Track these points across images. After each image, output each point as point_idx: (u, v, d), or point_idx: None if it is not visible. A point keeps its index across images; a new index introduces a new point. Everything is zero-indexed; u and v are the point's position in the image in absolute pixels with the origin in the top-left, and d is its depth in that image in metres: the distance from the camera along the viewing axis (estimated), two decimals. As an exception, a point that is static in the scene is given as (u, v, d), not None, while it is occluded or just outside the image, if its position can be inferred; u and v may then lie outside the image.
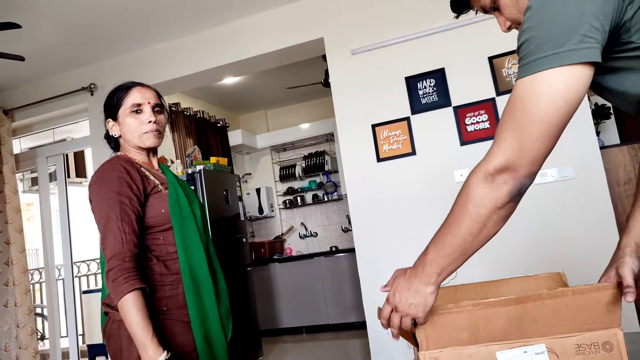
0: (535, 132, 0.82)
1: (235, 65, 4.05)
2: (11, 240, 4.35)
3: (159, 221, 1.42)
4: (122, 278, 1.27)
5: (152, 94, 1.54)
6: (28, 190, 6.63)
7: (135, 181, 1.40)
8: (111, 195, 1.35)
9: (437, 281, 0.97)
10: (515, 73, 3.19)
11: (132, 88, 1.52)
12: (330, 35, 3.67)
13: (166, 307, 1.40)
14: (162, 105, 1.57)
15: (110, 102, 1.53)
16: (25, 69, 4.18)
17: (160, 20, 3.77)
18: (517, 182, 0.85)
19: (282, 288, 5.58)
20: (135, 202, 1.37)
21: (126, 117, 1.49)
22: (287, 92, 5.86)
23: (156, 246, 1.43)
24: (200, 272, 1.44)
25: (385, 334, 3.64)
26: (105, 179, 1.38)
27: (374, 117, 3.50)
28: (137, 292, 1.27)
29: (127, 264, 1.29)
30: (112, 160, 1.45)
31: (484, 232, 0.89)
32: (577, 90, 0.81)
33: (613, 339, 0.90)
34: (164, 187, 1.48)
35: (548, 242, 3.05)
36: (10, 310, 4.27)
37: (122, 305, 1.27)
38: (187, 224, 1.45)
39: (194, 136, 5.18)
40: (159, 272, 1.41)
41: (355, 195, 3.53)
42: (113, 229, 1.32)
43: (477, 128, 3.24)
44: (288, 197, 6.37)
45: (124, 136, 1.52)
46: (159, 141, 1.54)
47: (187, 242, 1.43)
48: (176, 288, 1.42)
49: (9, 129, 4.58)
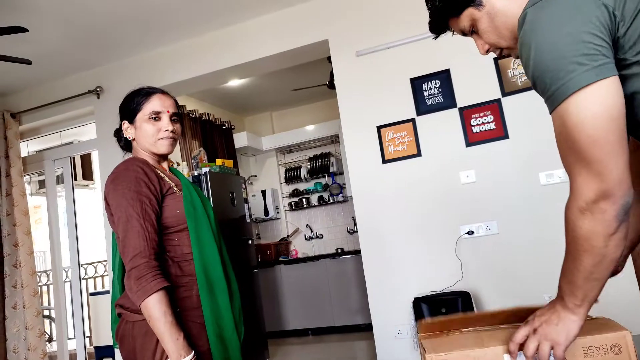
0: (598, 155, 0.81)
1: (240, 67, 4.06)
2: (19, 243, 4.38)
3: (174, 222, 1.43)
4: (150, 276, 1.27)
5: (171, 103, 1.55)
6: (35, 192, 6.67)
7: (153, 182, 1.41)
8: (131, 195, 1.35)
9: (581, 312, 0.91)
10: (521, 74, 3.18)
11: (152, 95, 1.53)
12: (335, 37, 3.67)
13: (180, 309, 1.39)
14: (179, 115, 1.58)
15: (129, 104, 1.54)
16: (32, 72, 4.21)
17: (165, 23, 3.79)
18: (617, 205, 0.83)
19: (288, 290, 5.57)
20: (154, 202, 1.38)
21: (144, 123, 1.50)
22: (292, 94, 5.87)
23: (171, 247, 1.43)
24: (214, 272, 1.45)
25: (392, 337, 3.64)
26: (124, 179, 1.39)
27: (379, 119, 3.50)
28: (164, 292, 1.28)
29: (153, 262, 1.30)
30: (129, 161, 1.45)
31: (607, 258, 0.86)
32: (612, 104, 0.80)
33: (622, 341, 0.89)
34: (178, 188, 1.50)
35: (554, 243, 3.03)
36: (19, 312, 4.30)
37: (148, 304, 1.26)
38: (201, 225, 1.46)
39: (199, 138, 5.19)
40: (174, 273, 1.41)
41: (361, 197, 3.52)
42: (135, 227, 1.32)
43: (482, 129, 3.23)
44: (293, 199, 6.37)
45: (138, 140, 1.53)
46: (173, 149, 1.55)
47: (202, 243, 1.44)
48: (190, 289, 1.42)
49: (17, 132, 4.62)
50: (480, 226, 3.20)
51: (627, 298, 2.86)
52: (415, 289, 3.26)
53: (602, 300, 2.58)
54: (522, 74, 3.18)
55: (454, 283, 3.19)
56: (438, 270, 3.25)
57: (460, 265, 3.20)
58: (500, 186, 3.19)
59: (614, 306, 2.84)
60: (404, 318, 3.31)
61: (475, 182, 3.24)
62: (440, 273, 3.24)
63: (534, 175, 3.11)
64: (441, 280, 3.23)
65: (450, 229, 3.26)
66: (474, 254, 3.20)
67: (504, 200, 3.17)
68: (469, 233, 3.22)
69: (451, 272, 3.22)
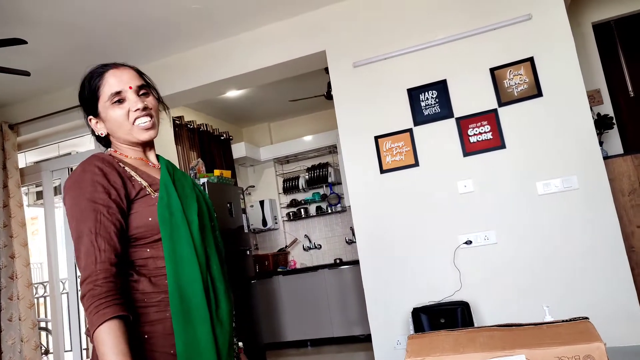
0: None
1: (238, 78, 4.08)
2: (16, 254, 4.36)
3: (145, 232, 1.16)
4: (93, 307, 1.03)
5: (131, 74, 1.25)
6: (33, 204, 6.65)
7: (114, 185, 1.15)
8: (84, 204, 1.11)
9: None
10: (517, 84, 3.20)
11: (105, 73, 1.25)
12: (332, 48, 3.70)
13: (148, 335, 1.12)
14: (148, 85, 1.28)
15: (83, 94, 1.28)
16: (31, 83, 4.22)
17: (164, 35, 3.81)
18: None
19: (286, 301, 5.55)
20: (114, 211, 1.12)
21: (108, 111, 1.23)
22: (290, 104, 5.89)
23: (142, 260, 1.17)
24: (192, 295, 1.15)
25: (391, 347, 3.62)
26: (78, 184, 1.14)
27: (376, 129, 3.51)
28: (112, 322, 1.03)
29: (100, 289, 1.05)
30: (87, 160, 1.19)
31: None
32: None
33: (595, 352, 0.89)
34: (154, 188, 1.21)
35: (552, 252, 3.03)
36: (15, 325, 4.26)
37: (95, 339, 1.03)
38: (178, 235, 1.17)
39: (197, 149, 5.20)
40: (141, 290, 1.14)
41: (359, 207, 3.52)
42: (85, 246, 1.08)
43: (479, 139, 3.24)
44: (292, 209, 6.36)
45: (111, 132, 1.27)
46: (155, 132, 1.27)
47: (178, 258, 1.16)
48: (164, 311, 1.14)
49: (14, 144, 4.62)
50: (478, 236, 3.20)
51: (627, 309, 2.86)
52: (414, 299, 3.25)
53: (600, 307, 2.55)
54: (518, 84, 3.20)
55: (453, 293, 3.19)
56: (437, 280, 3.25)
57: (459, 275, 3.20)
58: (498, 196, 3.19)
59: (612, 315, 2.83)
60: (403, 329, 3.29)
61: (473, 192, 3.24)
62: (439, 283, 3.23)
63: (531, 184, 3.12)
64: (440, 290, 3.22)
65: (449, 238, 3.26)
66: (473, 264, 3.19)
67: (502, 209, 3.18)
68: (467, 243, 3.22)
69: (450, 282, 3.21)
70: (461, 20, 3.36)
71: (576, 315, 2.65)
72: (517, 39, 3.23)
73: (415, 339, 1.07)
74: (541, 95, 3.14)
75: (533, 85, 3.17)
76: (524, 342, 0.94)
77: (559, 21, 3.16)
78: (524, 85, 3.18)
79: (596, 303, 2.89)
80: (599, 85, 3.99)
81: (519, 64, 3.21)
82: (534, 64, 3.17)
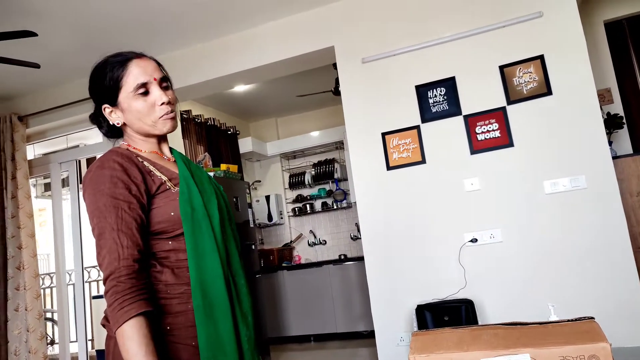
0: None
1: (246, 73, 4.08)
2: (23, 245, 4.40)
3: (167, 227, 1.16)
4: (117, 304, 1.03)
5: (154, 66, 1.25)
6: (41, 195, 6.71)
7: (135, 180, 1.14)
8: (104, 200, 1.10)
9: None
10: (526, 82, 3.18)
11: (128, 63, 1.23)
12: (341, 44, 3.69)
13: (170, 327, 1.13)
14: (168, 79, 1.27)
15: (102, 82, 1.25)
16: (40, 76, 4.25)
17: (172, 28, 3.82)
18: None
19: (291, 296, 5.57)
20: (135, 207, 1.11)
21: (132, 102, 1.21)
22: (297, 100, 5.89)
23: (164, 252, 1.17)
24: (214, 290, 1.15)
25: (394, 344, 3.63)
26: (97, 180, 1.13)
27: (384, 125, 3.50)
28: (137, 320, 1.03)
29: (123, 285, 1.05)
30: (106, 155, 1.17)
31: None
32: None
33: (600, 352, 0.89)
34: (174, 182, 1.20)
35: (558, 251, 3.02)
36: (21, 315, 4.31)
37: (119, 336, 1.03)
38: (200, 230, 1.17)
39: (204, 143, 5.21)
40: (164, 281, 1.14)
41: (365, 203, 3.52)
42: (108, 242, 1.08)
43: (487, 137, 3.22)
44: (297, 204, 6.37)
45: (129, 123, 1.24)
46: (176, 124, 1.27)
47: (201, 252, 1.16)
48: (186, 303, 1.14)
49: (23, 135, 4.65)
50: (484, 234, 3.19)
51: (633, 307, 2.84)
52: (418, 296, 3.25)
53: (606, 307, 2.53)
54: (528, 82, 3.18)
55: (457, 291, 3.18)
56: (441, 277, 3.24)
57: (463, 273, 3.19)
58: (505, 194, 3.18)
59: (618, 315, 2.82)
60: (406, 325, 3.29)
61: (480, 190, 3.23)
62: (444, 281, 3.23)
63: (538, 183, 3.10)
64: (444, 288, 3.22)
65: (454, 236, 3.25)
66: (478, 262, 3.19)
67: (508, 208, 3.16)
68: (473, 241, 3.20)
69: (454, 279, 3.20)
70: (471, 18, 3.34)
71: (582, 314, 2.64)
72: (527, 36, 3.20)
73: (419, 335, 1.07)
74: (551, 94, 3.12)
75: (543, 84, 3.14)
76: (528, 340, 0.94)
77: (571, 19, 3.13)
78: (533, 84, 3.16)
79: (602, 303, 2.88)
80: (609, 84, 3.95)
81: (528, 62, 3.18)
82: (544, 62, 3.14)
